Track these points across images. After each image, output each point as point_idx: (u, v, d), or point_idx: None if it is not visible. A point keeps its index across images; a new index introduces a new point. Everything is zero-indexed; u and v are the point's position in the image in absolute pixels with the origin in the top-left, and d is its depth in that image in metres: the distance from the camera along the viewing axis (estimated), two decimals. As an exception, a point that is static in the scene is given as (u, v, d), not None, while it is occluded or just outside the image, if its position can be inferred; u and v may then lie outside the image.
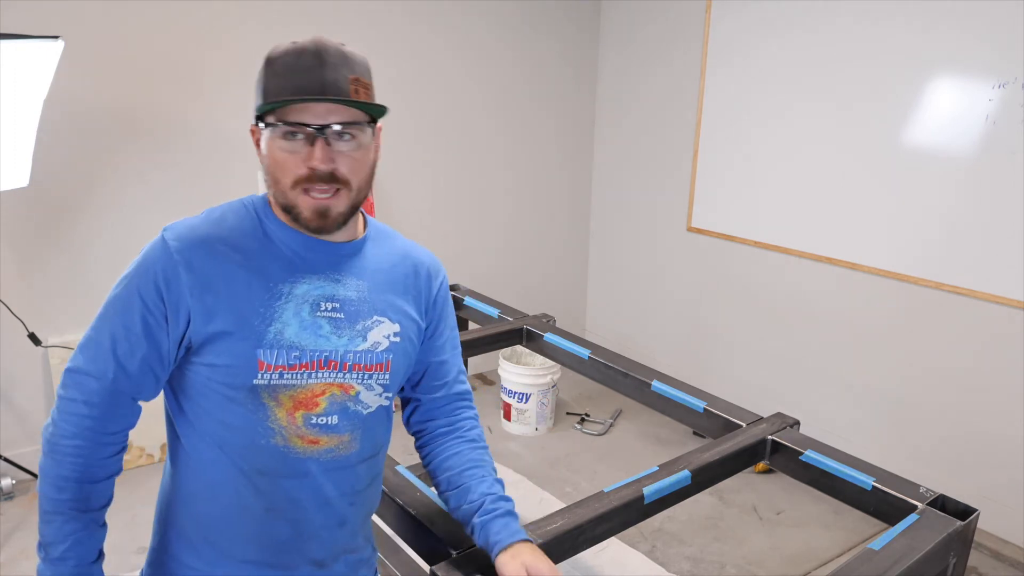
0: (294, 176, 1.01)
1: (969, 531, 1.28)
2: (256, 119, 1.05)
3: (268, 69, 1.02)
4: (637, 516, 1.34)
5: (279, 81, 1.01)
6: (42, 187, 2.64)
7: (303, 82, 1.00)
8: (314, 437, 1.07)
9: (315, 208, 1.03)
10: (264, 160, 1.05)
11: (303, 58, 1.00)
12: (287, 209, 1.04)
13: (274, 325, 1.03)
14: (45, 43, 2.15)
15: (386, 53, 3.35)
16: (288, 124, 1.00)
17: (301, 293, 1.06)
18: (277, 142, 1.01)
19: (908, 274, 2.82)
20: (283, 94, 1.00)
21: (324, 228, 1.05)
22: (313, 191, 1.02)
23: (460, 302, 2.34)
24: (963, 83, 2.57)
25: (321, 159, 1.00)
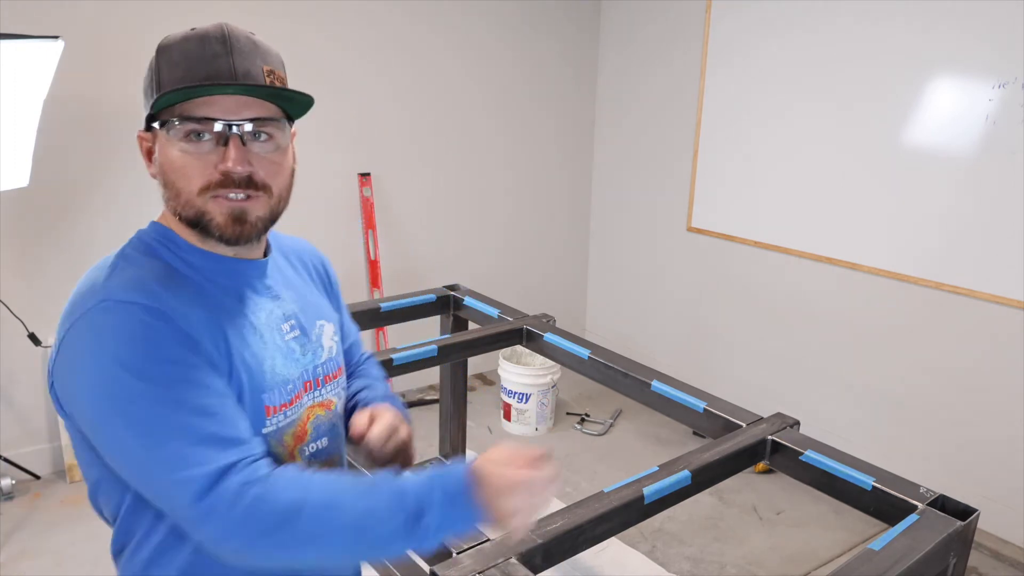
0: (202, 182, 0.86)
1: (969, 531, 1.28)
2: (147, 120, 0.88)
3: (162, 58, 0.87)
4: (637, 516, 1.34)
5: (177, 71, 0.85)
6: (42, 187, 2.64)
7: (209, 70, 0.84)
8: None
9: (230, 212, 0.87)
10: (159, 169, 0.88)
11: (207, 44, 0.85)
12: (195, 222, 0.88)
13: (266, 363, 0.92)
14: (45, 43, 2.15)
15: (386, 53, 3.35)
16: (192, 120, 0.84)
17: (264, 321, 0.94)
18: (177, 145, 0.85)
19: (908, 274, 2.82)
20: (183, 84, 0.84)
21: (241, 236, 0.89)
22: (227, 196, 0.87)
23: (460, 302, 2.34)
24: (963, 83, 2.57)
25: (237, 160, 0.85)
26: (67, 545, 2.49)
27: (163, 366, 0.81)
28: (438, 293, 2.35)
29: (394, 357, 1.85)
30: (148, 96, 0.88)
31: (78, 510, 2.68)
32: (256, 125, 0.87)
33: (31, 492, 2.80)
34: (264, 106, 0.88)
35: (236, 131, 0.85)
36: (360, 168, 3.39)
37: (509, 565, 1.11)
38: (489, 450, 0.87)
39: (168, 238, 0.92)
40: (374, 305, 2.21)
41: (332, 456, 1.04)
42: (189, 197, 0.87)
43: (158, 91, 0.85)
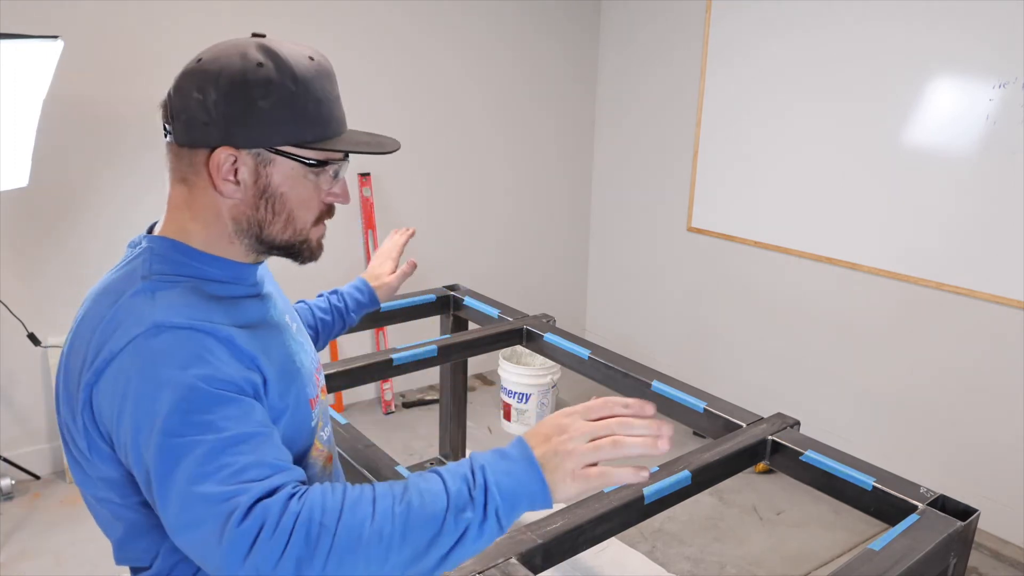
0: (317, 212, 0.92)
1: (969, 531, 1.28)
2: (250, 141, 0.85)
3: (305, 91, 0.85)
4: (637, 516, 1.34)
5: (322, 110, 0.87)
6: (42, 187, 2.64)
7: (340, 114, 0.91)
8: (328, 451, 1.04)
9: (321, 238, 0.95)
10: (273, 195, 0.88)
11: (331, 84, 0.90)
12: (288, 247, 0.92)
13: (296, 358, 0.95)
14: (45, 43, 2.15)
15: (386, 53, 3.35)
16: (332, 159, 0.89)
17: (278, 318, 0.97)
18: (308, 176, 0.88)
19: (908, 274, 2.82)
20: (332, 127, 0.88)
21: (318, 256, 0.97)
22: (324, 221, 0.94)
23: (460, 302, 2.34)
24: (963, 83, 2.57)
25: (347, 195, 0.94)
26: (67, 545, 2.49)
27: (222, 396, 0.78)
28: (438, 293, 2.35)
29: (394, 357, 1.85)
30: (282, 122, 0.85)
31: (78, 510, 2.68)
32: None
33: (31, 492, 2.80)
34: None
35: (344, 169, 0.93)
36: (360, 168, 3.39)
37: (509, 565, 1.11)
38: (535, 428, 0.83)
39: (186, 253, 0.89)
40: (374, 305, 2.21)
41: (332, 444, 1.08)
42: (304, 227, 0.91)
43: (305, 126, 0.86)
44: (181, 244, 0.89)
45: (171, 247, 0.89)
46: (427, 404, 3.66)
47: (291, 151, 0.86)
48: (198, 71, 0.87)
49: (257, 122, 0.84)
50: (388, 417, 3.57)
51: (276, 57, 0.85)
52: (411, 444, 3.30)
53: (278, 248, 0.92)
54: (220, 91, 0.84)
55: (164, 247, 0.89)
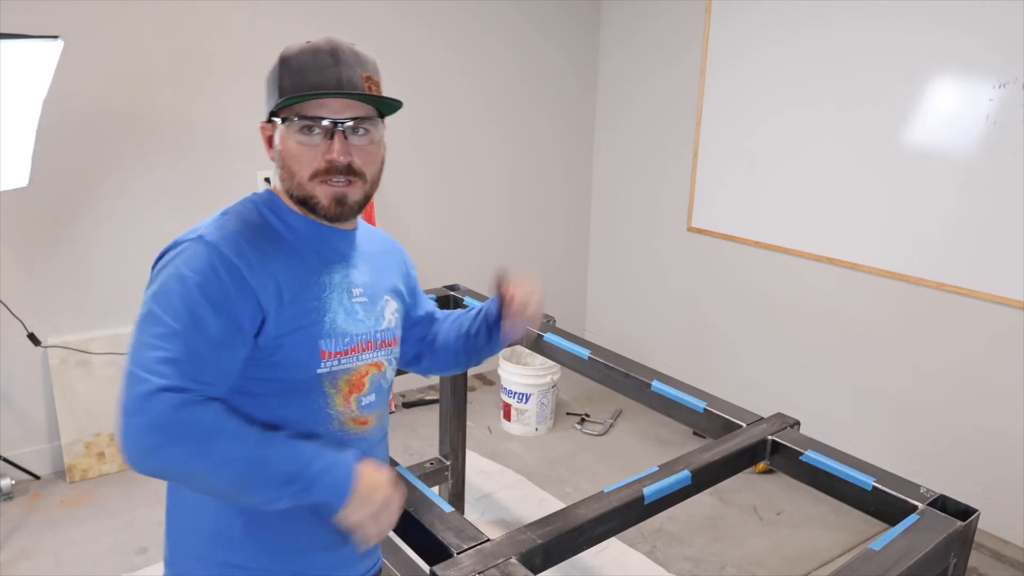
0: (312, 168, 1.05)
1: (970, 531, 1.28)
2: (270, 115, 1.08)
3: (284, 67, 1.06)
4: (637, 516, 1.34)
5: (296, 78, 1.04)
6: (42, 187, 2.64)
7: (320, 79, 1.03)
8: (364, 418, 1.14)
9: (333, 196, 1.07)
10: (278, 154, 1.08)
11: (319, 56, 1.04)
12: (303, 201, 1.08)
13: (328, 315, 1.08)
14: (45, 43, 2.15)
15: (386, 53, 3.32)
16: (306, 119, 1.03)
17: (338, 282, 1.11)
18: (294, 136, 1.05)
19: (908, 274, 2.82)
20: (301, 90, 1.03)
21: (341, 215, 1.09)
22: (331, 181, 1.06)
23: (460, 302, 2.34)
24: (963, 83, 2.57)
25: (340, 152, 1.04)
26: (67, 545, 2.49)
27: (201, 302, 0.97)
28: (438, 293, 2.35)
29: (394, 357, 1.85)
30: (271, 95, 1.07)
31: (78, 510, 2.68)
32: (356, 123, 1.05)
33: (30, 492, 2.80)
34: (363, 107, 1.07)
35: (340, 127, 1.04)
36: (360, 168, 3.38)
37: (509, 565, 1.11)
38: (368, 470, 1.03)
39: (274, 202, 1.11)
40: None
41: (379, 410, 1.19)
42: (301, 180, 1.06)
43: (281, 94, 1.05)
44: (274, 197, 1.13)
45: (268, 196, 1.13)
46: (427, 404, 3.66)
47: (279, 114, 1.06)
48: None
49: (266, 100, 1.10)
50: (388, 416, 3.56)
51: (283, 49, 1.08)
52: (411, 444, 3.30)
53: (300, 202, 1.08)
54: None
55: (264, 196, 1.13)
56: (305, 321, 1.05)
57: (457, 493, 2.58)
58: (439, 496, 1.33)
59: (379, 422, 1.20)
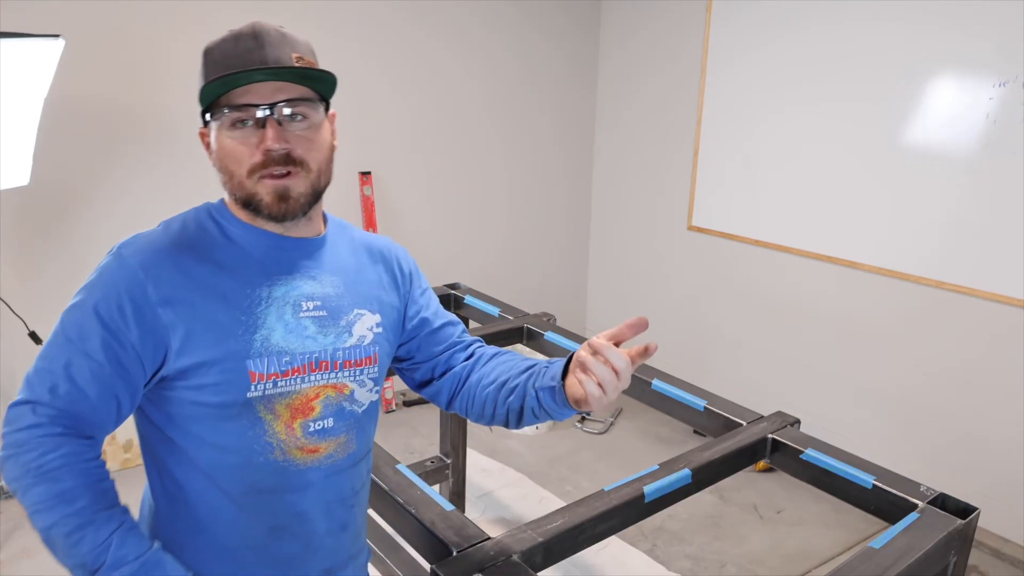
0: (249, 164, 0.96)
1: (970, 530, 1.28)
2: (203, 116, 0.99)
3: (206, 59, 0.98)
4: (637, 515, 1.34)
5: (217, 68, 0.95)
6: (42, 186, 2.64)
7: (242, 63, 0.95)
8: (313, 445, 1.03)
9: (274, 190, 0.97)
10: (215, 156, 0.99)
11: (241, 41, 0.96)
12: (247, 202, 0.98)
13: (259, 332, 0.97)
14: (45, 42, 2.15)
15: (386, 53, 3.35)
16: (234, 109, 0.95)
17: (280, 295, 1.01)
18: (226, 133, 0.96)
19: (909, 273, 2.82)
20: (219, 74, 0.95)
21: (287, 213, 0.98)
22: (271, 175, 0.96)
23: (460, 301, 2.34)
24: (964, 82, 2.57)
25: (274, 138, 0.95)
26: (68, 544, 2.49)
27: (95, 326, 0.92)
28: (439, 291, 2.35)
29: (395, 356, 1.85)
30: (199, 92, 0.97)
31: (79, 509, 2.68)
32: (290, 106, 0.95)
33: (32, 491, 2.80)
34: (296, 89, 0.96)
35: (273, 114, 0.95)
36: (361, 167, 3.39)
37: (510, 563, 1.12)
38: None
39: (222, 211, 1.03)
40: (374, 304, 2.21)
41: (337, 437, 1.06)
42: (240, 179, 0.97)
43: (204, 84, 0.95)
44: (222, 204, 1.05)
45: (216, 204, 1.05)
46: (428, 402, 3.66)
47: (206, 113, 0.98)
48: None
49: (199, 99, 0.98)
50: (389, 415, 3.57)
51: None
52: (412, 442, 3.30)
53: (244, 205, 0.99)
54: None
55: (213, 204, 1.05)
56: (230, 340, 0.95)
57: (458, 491, 2.58)
58: (439, 494, 1.33)
59: (341, 450, 1.07)
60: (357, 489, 1.13)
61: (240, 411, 0.97)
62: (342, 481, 1.08)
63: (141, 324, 0.93)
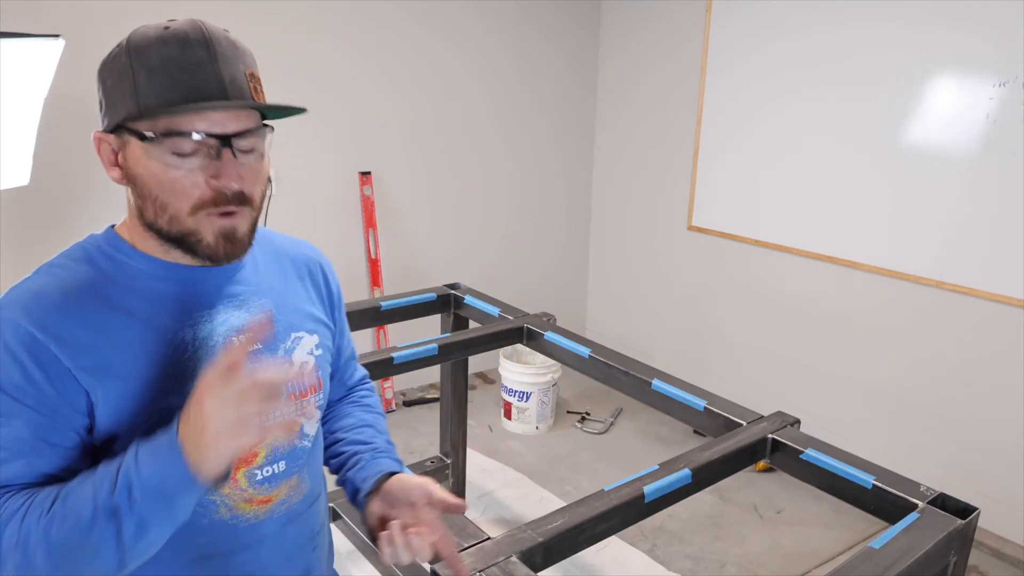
0: (194, 200, 0.80)
1: (970, 530, 1.28)
2: (116, 128, 0.81)
3: (137, 61, 0.79)
4: (637, 515, 1.34)
5: (160, 79, 0.78)
6: (43, 186, 2.64)
7: (194, 80, 0.78)
8: (264, 495, 0.91)
9: (221, 231, 0.82)
10: (136, 180, 0.82)
11: (188, 49, 0.79)
12: (180, 240, 0.83)
13: (191, 382, 0.81)
14: (46, 42, 2.15)
15: (387, 52, 3.35)
16: (178, 135, 0.78)
17: (207, 335, 0.87)
18: (162, 157, 0.79)
19: (909, 273, 2.82)
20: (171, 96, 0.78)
21: (231, 254, 0.85)
22: (216, 213, 0.82)
23: (460, 301, 2.35)
24: (964, 82, 2.57)
25: (234, 176, 0.80)
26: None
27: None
28: (439, 292, 2.35)
29: (395, 356, 1.85)
30: (121, 98, 0.80)
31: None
32: (246, 137, 0.82)
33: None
34: (253, 118, 0.84)
35: (231, 147, 0.80)
36: (360, 167, 3.39)
37: (509, 563, 1.12)
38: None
39: (116, 246, 0.88)
40: (375, 304, 2.21)
41: (289, 479, 0.95)
42: (177, 215, 0.81)
43: (137, 98, 0.78)
44: (116, 237, 0.89)
45: (106, 238, 0.89)
46: (428, 403, 3.66)
47: (128, 127, 0.80)
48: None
49: (108, 103, 0.82)
50: (389, 416, 3.57)
51: (131, 34, 0.82)
52: (412, 443, 3.30)
53: (172, 240, 0.84)
54: (97, 77, 0.85)
55: (100, 238, 0.90)
56: (157, 399, 0.81)
57: (458, 491, 2.58)
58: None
59: (295, 492, 0.95)
60: (317, 530, 1.03)
61: None
62: (300, 526, 0.98)
63: (57, 385, 0.78)
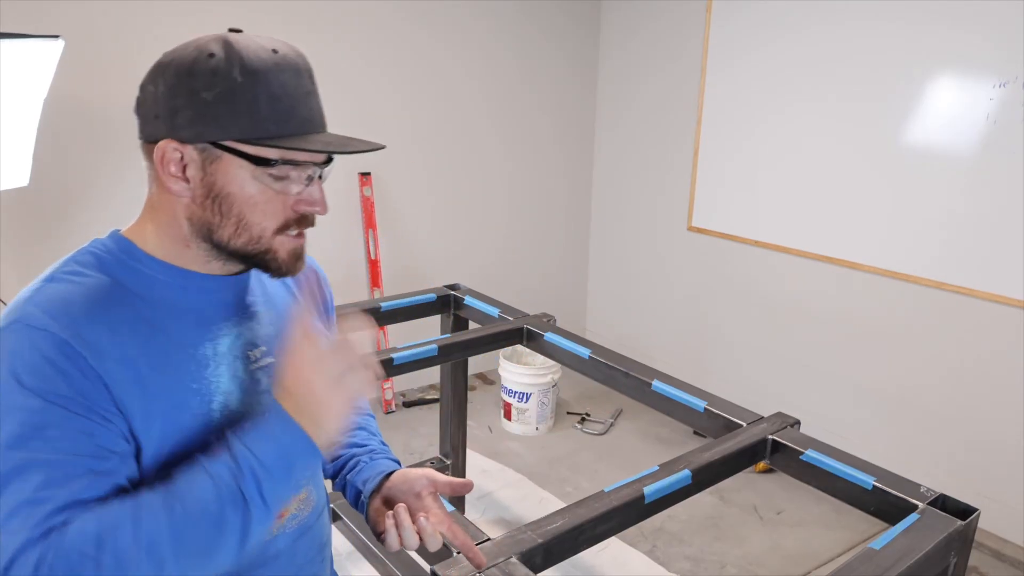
0: (282, 220, 0.83)
1: (970, 531, 1.28)
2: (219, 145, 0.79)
3: (258, 84, 0.78)
4: (637, 516, 1.34)
5: (280, 106, 0.79)
6: (42, 187, 2.64)
7: (305, 112, 0.82)
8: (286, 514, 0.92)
9: (294, 251, 0.85)
10: (220, 195, 0.81)
11: (300, 79, 0.82)
12: (252, 257, 0.84)
13: (216, 400, 0.82)
14: (45, 42, 2.15)
15: (387, 53, 3.35)
16: (291, 163, 0.81)
17: (227, 349, 0.86)
18: (261, 179, 0.80)
19: (908, 273, 2.82)
20: (291, 126, 0.80)
21: (297, 271, 0.87)
22: (291, 233, 0.84)
23: (460, 301, 2.34)
24: (964, 82, 2.57)
25: (322, 203, 0.84)
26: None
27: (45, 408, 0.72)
28: (438, 292, 2.35)
29: (394, 356, 1.85)
30: (228, 116, 0.78)
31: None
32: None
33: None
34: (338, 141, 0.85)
35: (320, 175, 0.84)
36: (360, 167, 3.39)
37: (509, 564, 1.11)
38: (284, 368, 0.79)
39: (128, 252, 0.85)
40: (374, 304, 2.21)
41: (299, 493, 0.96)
42: (262, 234, 0.82)
43: (257, 122, 0.78)
44: (128, 243, 0.86)
45: (116, 244, 0.86)
46: (428, 403, 3.66)
47: (238, 147, 0.79)
48: (156, 64, 0.83)
49: (200, 115, 0.78)
50: (389, 416, 3.57)
51: (230, 48, 0.79)
52: (411, 443, 3.30)
53: (237, 255, 0.84)
54: (167, 83, 0.80)
55: (109, 243, 0.87)
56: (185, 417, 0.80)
57: (457, 492, 2.58)
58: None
59: (305, 505, 0.96)
60: (325, 542, 1.04)
61: None
62: (310, 539, 0.99)
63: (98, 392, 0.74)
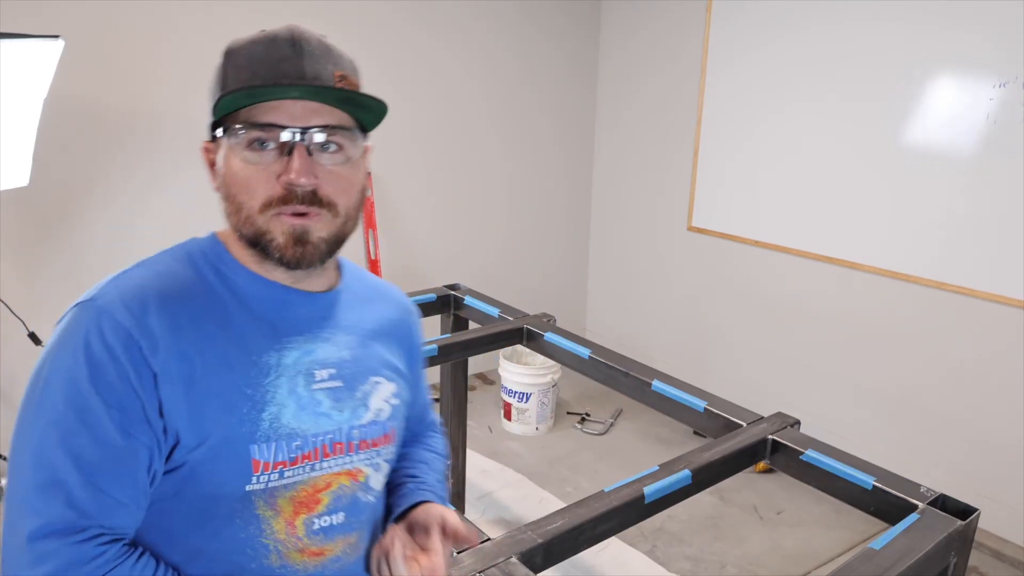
0: (264, 197, 0.78)
1: (970, 530, 1.28)
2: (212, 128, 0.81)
3: (228, 61, 0.80)
4: (637, 516, 1.34)
5: (242, 74, 0.78)
6: (42, 187, 2.64)
7: (275, 73, 0.78)
8: (318, 547, 0.84)
9: (291, 232, 0.79)
10: (221, 180, 0.81)
11: (275, 47, 0.80)
12: (254, 241, 0.80)
13: (267, 410, 0.79)
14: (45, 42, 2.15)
15: (386, 53, 3.35)
16: (255, 127, 0.77)
17: (292, 363, 0.82)
18: (240, 154, 0.78)
19: (908, 273, 2.82)
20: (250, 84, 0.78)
21: (302, 259, 0.80)
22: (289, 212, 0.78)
23: (460, 301, 2.34)
24: (964, 82, 2.57)
25: (300, 170, 0.76)
26: (67, 545, 2.49)
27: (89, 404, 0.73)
28: (438, 292, 2.35)
29: (394, 356, 1.85)
30: (211, 99, 0.80)
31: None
32: (325, 133, 0.78)
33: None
34: (335, 113, 0.80)
35: (303, 140, 0.77)
36: (360, 168, 3.38)
37: (509, 564, 1.12)
38: None
39: (218, 253, 0.84)
40: (374, 305, 2.21)
41: (348, 535, 0.87)
42: (250, 213, 0.79)
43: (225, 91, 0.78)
44: (219, 245, 0.85)
45: (210, 243, 0.86)
46: (427, 403, 3.65)
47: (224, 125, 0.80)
48: None
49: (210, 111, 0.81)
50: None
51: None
52: (411, 443, 3.30)
53: (251, 243, 0.81)
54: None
55: (204, 242, 0.86)
56: (232, 419, 0.77)
57: (457, 492, 2.58)
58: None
59: (351, 551, 0.88)
60: None
61: (234, 507, 0.78)
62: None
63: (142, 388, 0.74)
